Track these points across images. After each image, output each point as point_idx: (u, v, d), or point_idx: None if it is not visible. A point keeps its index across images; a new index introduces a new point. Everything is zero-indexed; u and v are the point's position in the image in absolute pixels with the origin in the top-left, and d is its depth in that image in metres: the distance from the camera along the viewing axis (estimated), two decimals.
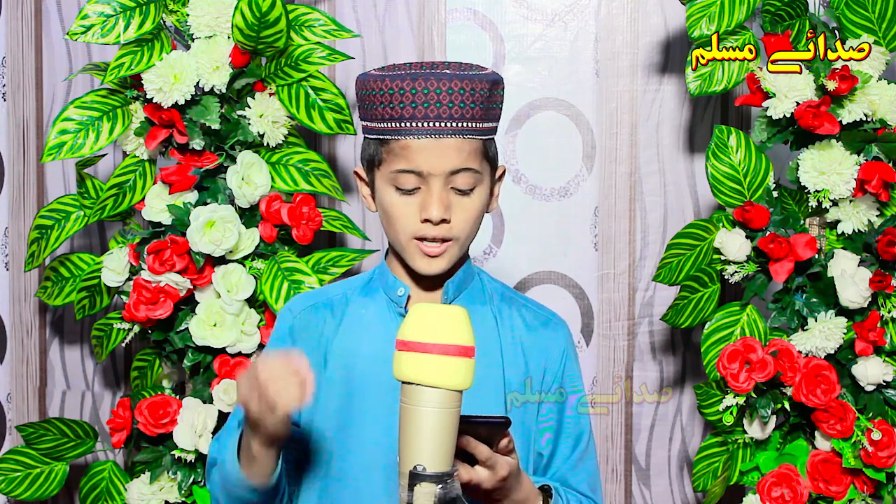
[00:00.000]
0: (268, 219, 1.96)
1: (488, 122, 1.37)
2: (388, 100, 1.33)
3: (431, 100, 1.32)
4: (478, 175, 1.36)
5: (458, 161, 1.34)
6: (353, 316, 1.44)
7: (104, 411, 2.37)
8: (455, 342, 1.11)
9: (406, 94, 1.32)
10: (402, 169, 1.34)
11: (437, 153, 1.33)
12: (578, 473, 1.45)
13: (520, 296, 1.52)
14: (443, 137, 1.33)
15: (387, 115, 1.34)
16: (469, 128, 1.34)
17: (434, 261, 1.37)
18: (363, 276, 1.50)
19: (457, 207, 1.35)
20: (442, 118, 1.33)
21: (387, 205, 1.37)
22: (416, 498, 1.09)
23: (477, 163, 1.36)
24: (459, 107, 1.33)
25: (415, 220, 1.35)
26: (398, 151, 1.34)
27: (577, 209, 2.26)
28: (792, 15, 1.88)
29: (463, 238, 1.38)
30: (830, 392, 1.81)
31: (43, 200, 2.38)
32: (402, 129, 1.33)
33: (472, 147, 1.35)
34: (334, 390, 1.40)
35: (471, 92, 1.33)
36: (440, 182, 1.34)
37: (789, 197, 1.92)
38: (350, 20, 2.27)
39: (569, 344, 1.49)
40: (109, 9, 1.87)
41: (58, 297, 2.11)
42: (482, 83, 1.34)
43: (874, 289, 1.82)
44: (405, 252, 1.38)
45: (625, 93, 2.24)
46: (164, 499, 1.97)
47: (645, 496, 2.29)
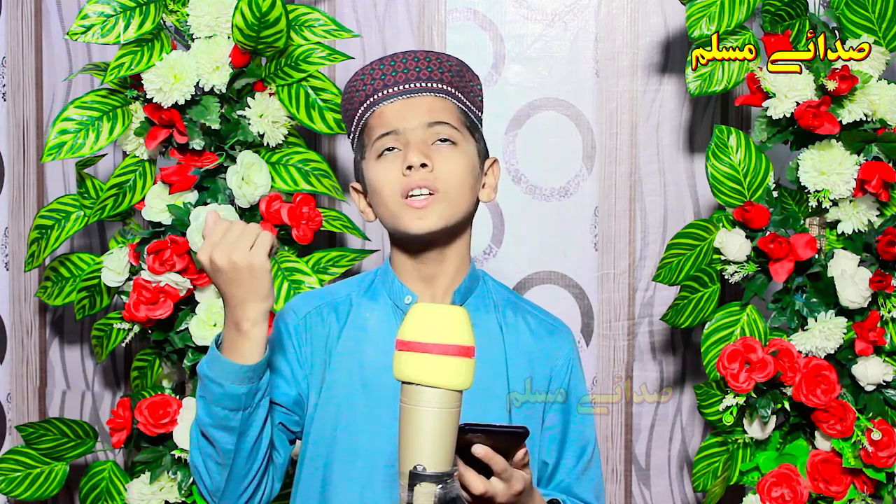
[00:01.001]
0: (268, 219, 1.96)
1: (463, 94, 1.40)
2: (361, 85, 1.39)
3: (399, 68, 1.37)
4: (457, 133, 1.38)
5: (433, 115, 1.37)
6: (357, 319, 1.42)
7: (104, 411, 2.37)
8: (455, 342, 1.11)
9: (376, 72, 1.39)
10: (379, 134, 1.37)
11: (410, 110, 1.37)
12: (583, 483, 1.44)
13: (525, 302, 1.51)
14: (413, 96, 1.37)
15: (363, 98, 1.39)
16: (440, 88, 1.38)
17: (422, 213, 1.34)
18: (365, 278, 1.48)
19: (438, 157, 1.36)
20: (411, 80, 1.37)
21: (372, 177, 1.38)
22: (416, 498, 1.09)
23: (455, 121, 1.38)
24: (427, 70, 1.38)
25: (398, 176, 1.35)
26: (375, 122, 1.38)
27: (577, 209, 2.26)
28: (792, 15, 1.88)
29: (451, 193, 1.36)
30: (830, 392, 1.81)
31: (43, 200, 2.38)
32: (375, 100, 1.38)
33: (446, 105, 1.38)
34: (336, 395, 1.39)
35: (437, 61, 1.39)
36: (417, 133, 1.35)
37: (789, 197, 1.92)
38: (350, 20, 2.27)
39: (574, 353, 1.48)
40: (109, 9, 1.87)
41: (58, 297, 2.11)
42: (451, 58, 1.40)
43: (874, 289, 1.82)
44: (395, 218, 1.37)
45: (625, 93, 2.24)
46: (164, 499, 1.97)
47: (645, 496, 2.29)
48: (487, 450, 1.17)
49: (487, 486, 1.18)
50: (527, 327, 1.45)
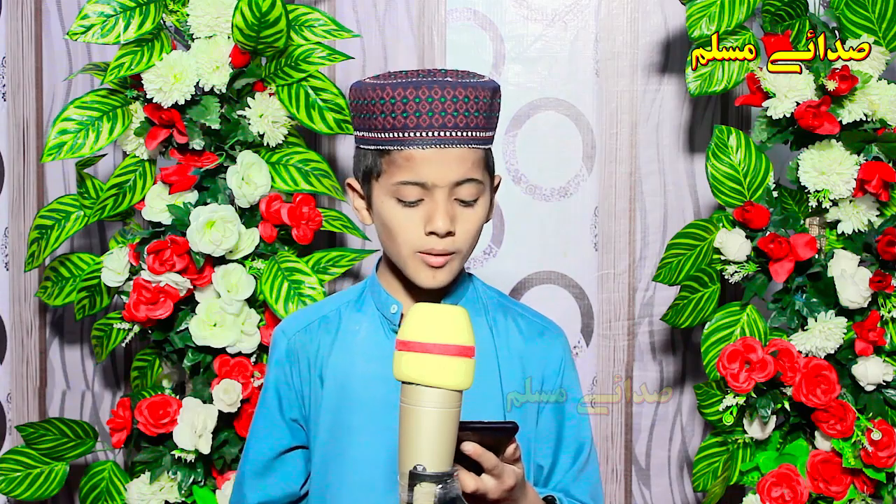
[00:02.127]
0: (268, 219, 1.96)
1: (489, 130, 1.35)
2: (388, 109, 1.29)
3: (436, 108, 1.28)
4: (480, 186, 1.33)
5: (463, 171, 1.30)
6: (347, 333, 1.42)
7: (104, 411, 2.37)
8: (455, 342, 1.11)
9: (409, 104, 1.28)
10: (405, 180, 1.30)
11: (443, 164, 1.29)
12: (580, 484, 1.43)
13: (515, 303, 1.50)
14: (447, 147, 1.29)
15: (388, 125, 1.29)
16: (473, 137, 1.31)
17: (437, 272, 1.33)
18: (354, 290, 1.48)
19: (460, 219, 1.32)
20: (447, 127, 1.29)
21: (388, 218, 1.33)
22: (415, 498, 1.09)
23: (479, 173, 1.33)
24: (464, 115, 1.29)
25: (419, 233, 1.31)
26: (401, 162, 1.30)
27: (577, 209, 2.26)
28: (792, 15, 1.88)
29: (465, 250, 1.35)
30: (830, 392, 1.81)
31: (43, 200, 2.38)
32: (406, 139, 1.29)
33: (475, 157, 1.32)
34: (329, 409, 1.40)
35: (475, 100, 1.30)
36: (445, 193, 1.30)
37: (789, 197, 1.92)
38: (350, 20, 2.27)
39: (566, 353, 1.47)
40: (109, 9, 1.87)
41: (58, 297, 2.11)
42: (484, 91, 1.31)
43: (874, 289, 1.82)
44: (407, 266, 1.35)
45: (625, 93, 2.24)
46: (164, 499, 1.97)
47: (645, 496, 2.29)
48: (476, 447, 1.17)
49: (479, 484, 1.18)
50: (517, 329, 1.45)
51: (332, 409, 1.39)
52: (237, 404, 1.91)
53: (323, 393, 1.40)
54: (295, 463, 1.45)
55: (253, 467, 1.44)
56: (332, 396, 1.40)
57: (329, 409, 1.40)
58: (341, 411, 1.39)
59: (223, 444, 1.96)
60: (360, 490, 1.37)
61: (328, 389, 1.40)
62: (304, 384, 1.42)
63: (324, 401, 1.40)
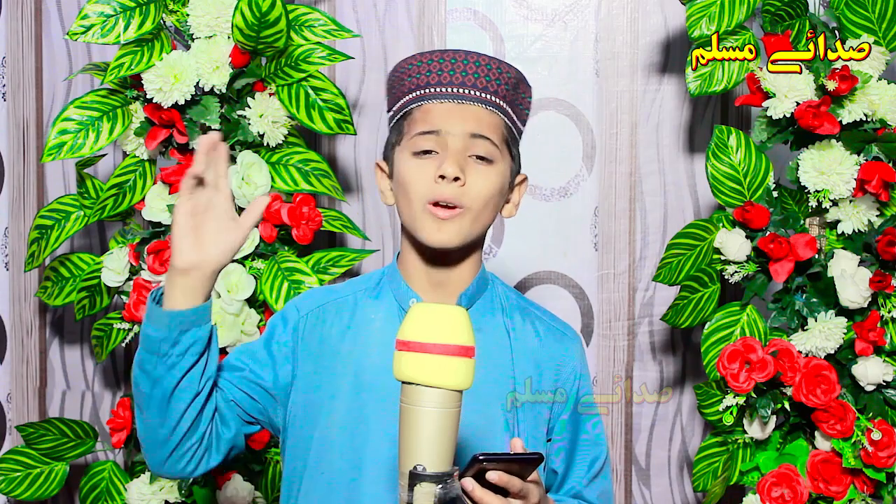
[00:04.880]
0: (268, 219, 1.96)
1: (513, 108, 1.37)
2: (415, 72, 1.35)
3: (458, 68, 1.33)
4: (496, 151, 1.35)
5: (478, 127, 1.33)
6: (362, 320, 1.41)
7: (104, 411, 2.37)
8: (455, 342, 1.11)
9: (433, 64, 1.34)
10: (421, 131, 1.34)
11: (458, 115, 1.33)
12: (591, 488, 1.43)
13: (534, 306, 1.49)
14: (464, 102, 1.33)
15: (413, 86, 1.35)
16: (492, 101, 1.34)
17: (444, 225, 1.33)
18: (372, 277, 1.47)
19: (473, 173, 1.33)
20: (466, 85, 1.33)
21: (403, 172, 1.35)
22: (416, 498, 1.09)
23: (497, 138, 1.35)
24: (485, 79, 1.34)
25: (429, 181, 1.32)
26: (419, 116, 1.35)
27: (577, 209, 2.26)
28: (792, 15, 1.88)
29: (475, 209, 1.34)
30: (830, 392, 1.81)
31: (43, 200, 2.38)
32: (426, 94, 1.34)
33: (493, 120, 1.35)
34: (342, 397, 1.37)
35: (497, 70, 1.35)
36: (458, 142, 1.32)
37: (789, 197, 1.92)
38: (350, 20, 2.27)
39: (582, 360, 1.47)
40: (109, 9, 1.87)
41: (58, 297, 2.11)
42: (510, 69, 1.36)
43: (874, 289, 1.82)
44: (416, 221, 1.34)
45: (625, 93, 2.24)
46: (164, 499, 1.97)
47: (645, 496, 2.30)
48: (502, 475, 1.16)
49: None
50: (534, 332, 1.44)
51: (348, 397, 1.37)
52: None
53: (334, 381, 1.38)
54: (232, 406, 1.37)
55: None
56: (347, 385, 1.37)
57: (345, 397, 1.37)
58: (357, 401, 1.37)
59: None
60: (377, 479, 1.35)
61: (341, 379, 1.38)
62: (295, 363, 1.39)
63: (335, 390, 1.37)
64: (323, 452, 1.38)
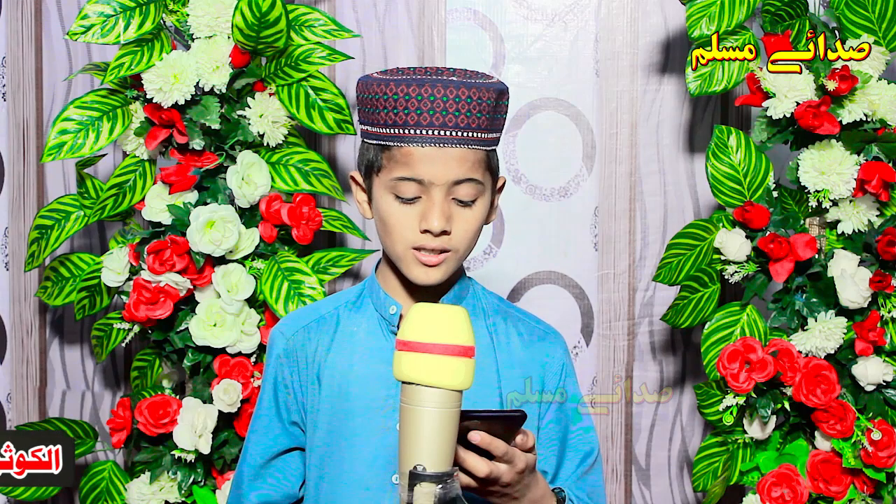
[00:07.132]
0: (268, 219, 1.96)
1: (493, 132, 1.34)
2: (391, 105, 1.29)
3: (437, 107, 1.28)
4: (480, 186, 1.33)
5: (461, 171, 1.30)
6: (345, 333, 1.42)
7: (104, 411, 2.37)
8: (455, 342, 1.11)
9: (411, 100, 1.28)
10: (402, 176, 1.31)
11: (440, 162, 1.29)
12: (581, 483, 1.43)
13: (515, 308, 1.50)
14: (446, 146, 1.29)
15: (389, 121, 1.30)
16: (474, 138, 1.31)
17: (431, 271, 1.33)
18: (353, 291, 1.48)
19: (457, 219, 1.32)
20: (447, 126, 1.29)
21: (385, 213, 1.34)
22: (415, 498, 1.09)
23: (480, 174, 1.33)
24: (465, 115, 1.29)
25: (414, 229, 1.31)
26: (400, 158, 1.30)
27: (577, 209, 2.26)
28: (792, 15, 1.88)
29: (462, 250, 1.35)
30: (830, 392, 1.81)
31: (43, 200, 2.38)
32: (405, 135, 1.29)
33: (475, 157, 1.32)
34: (326, 410, 1.40)
35: (477, 101, 1.30)
36: (442, 192, 1.30)
37: (789, 197, 1.92)
38: (350, 20, 2.27)
39: (566, 359, 1.47)
40: (109, 9, 1.87)
41: (58, 297, 2.11)
42: (489, 92, 1.31)
43: (874, 289, 1.82)
44: (401, 261, 1.35)
45: (625, 93, 2.24)
46: (164, 499, 1.97)
47: (645, 496, 2.29)
48: (484, 436, 1.17)
49: (492, 467, 1.19)
50: (517, 334, 1.44)
51: (330, 410, 1.39)
52: (237, 404, 1.91)
53: (320, 394, 1.40)
54: (293, 464, 1.45)
55: (251, 468, 1.44)
56: (329, 397, 1.40)
57: (326, 410, 1.40)
58: (339, 412, 1.39)
59: (223, 444, 1.96)
60: (357, 491, 1.37)
61: (326, 390, 1.40)
62: (301, 385, 1.42)
63: (321, 402, 1.40)
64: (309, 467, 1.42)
